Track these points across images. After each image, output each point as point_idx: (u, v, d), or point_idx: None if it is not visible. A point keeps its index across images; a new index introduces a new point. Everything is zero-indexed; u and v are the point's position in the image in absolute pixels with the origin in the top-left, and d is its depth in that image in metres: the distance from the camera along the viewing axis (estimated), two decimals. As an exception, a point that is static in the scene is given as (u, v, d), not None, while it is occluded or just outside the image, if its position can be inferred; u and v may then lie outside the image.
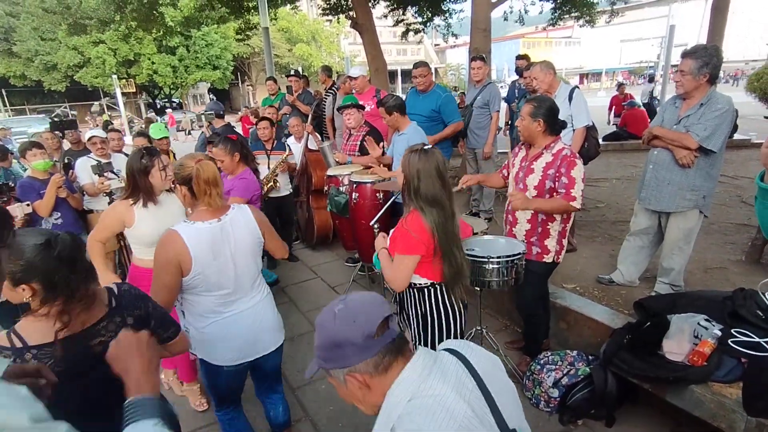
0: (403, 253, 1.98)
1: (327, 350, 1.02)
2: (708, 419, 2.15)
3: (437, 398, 0.96)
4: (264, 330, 2.12)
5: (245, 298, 2.05)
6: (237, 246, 1.95)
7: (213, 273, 1.89)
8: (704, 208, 3.01)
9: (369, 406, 1.06)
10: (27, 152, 3.75)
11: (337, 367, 1.02)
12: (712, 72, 2.76)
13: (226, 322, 1.99)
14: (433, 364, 1.04)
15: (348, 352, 0.99)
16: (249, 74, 38.40)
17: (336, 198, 4.33)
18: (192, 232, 1.85)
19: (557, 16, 11.80)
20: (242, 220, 2.00)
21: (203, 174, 1.87)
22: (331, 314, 1.03)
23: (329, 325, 1.02)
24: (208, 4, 9.06)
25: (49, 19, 13.35)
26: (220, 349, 2.00)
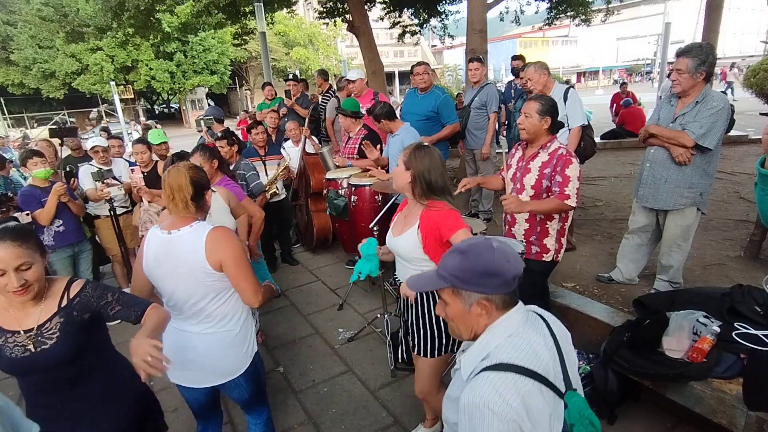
0: (459, 227, 1.97)
1: (475, 274, 1.12)
2: (708, 415, 2.16)
3: (529, 341, 1.13)
4: (189, 363, 1.95)
5: (185, 318, 1.94)
6: (177, 265, 1.85)
7: (156, 279, 1.91)
8: (702, 205, 3.02)
9: (469, 330, 1.20)
10: (28, 161, 3.76)
11: (476, 290, 1.14)
12: (708, 70, 2.78)
13: (170, 332, 1.89)
14: (527, 317, 1.21)
15: (495, 282, 1.13)
16: (247, 78, 38.44)
17: (335, 201, 4.35)
18: (152, 233, 1.92)
19: (553, 15, 11.82)
20: (189, 242, 1.83)
21: (169, 178, 1.85)
22: (489, 248, 1.14)
23: (488, 256, 1.13)
24: (204, 10, 9.06)
25: (46, 27, 13.37)
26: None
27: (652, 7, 43.58)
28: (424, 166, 1.99)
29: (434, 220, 1.99)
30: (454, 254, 1.16)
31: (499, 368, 1.07)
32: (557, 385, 1.11)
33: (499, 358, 1.09)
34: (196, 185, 1.87)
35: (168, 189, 1.84)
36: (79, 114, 32.47)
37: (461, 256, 1.14)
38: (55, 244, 3.84)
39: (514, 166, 2.83)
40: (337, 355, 3.50)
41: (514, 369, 1.06)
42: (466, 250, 1.15)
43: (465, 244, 1.16)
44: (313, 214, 5.37)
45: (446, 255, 1.18)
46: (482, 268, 1.12)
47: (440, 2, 11.65)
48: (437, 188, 2.01)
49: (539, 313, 1.28)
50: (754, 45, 45.24)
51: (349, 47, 36.80)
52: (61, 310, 1.60)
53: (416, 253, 2.05)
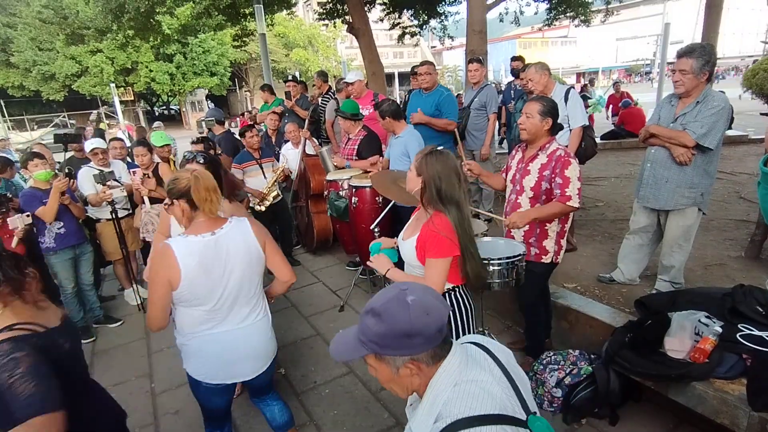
0: (439, 256, 1.91)
1: (393, 338, 1.03)
2: (711, 416, 2.15)
3: (478, 383, 1.05)
4: (245, 357, 2.03)
5: (233, 317, 1.98)
6: (231, 260, 1.90)
7: (202, 288, 1.86)
8: (703, 205, 3.02)
9: (406, 390, 1.12)
10: (29, 163, 3.76)
11: (399, 354, 1.05)
12: (711, 70, 2.78)
13: (210, 339, 1.94)
14: (467, 355, 1.13)
15: (417, 341, 1.03)
16: (246, 80, 38.46)
17: (336, 202, 4.35)
18: (184, 246, 1.83)
19: (552, 16, 11.85)
20: (239, 235, 1.94)
21: (203, 181, 1.85)
22: (403, 304, 1.03)
23: (403, 316, 1.02)
24: (204, 12, 9.09)
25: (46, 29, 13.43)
26: (201, 365, 1.99)
27: (652, 8, 43.62)
28: (435, 173, 1.92)
29: (426, 238, 1.95)
30: (369, 317, 1.05)
31: (457, 427, 0.98)
32: (517, 416, 1.05)
33: (453, 415, 1.00)
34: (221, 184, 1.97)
35: (204, 191, 1.85)
36: (79, 116, 32.47)
37: (376, 320, 1.03)
38: (56, 246, 3.84)
39: (514, 167, 2.83)
40: (339, 356, 3.49)
41: (473, 422, 0.98)
42: (380, 311, 1.03)
43: (379, 303, 1.05)
44: (313, 215, 5.37)
45: (362, 316, 1.07)
46: (399, 330, 1.01)
47: (440, 3, 11.67)
48: (446, 197, 1.93)
49: (474, 341, 1.21)
50: (753, 45, 45.27)
51: (349, 48, 36.83)
52: None
53: (413, 260, 2.04)
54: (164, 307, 1.85)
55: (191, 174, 1.87)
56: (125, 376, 3.52)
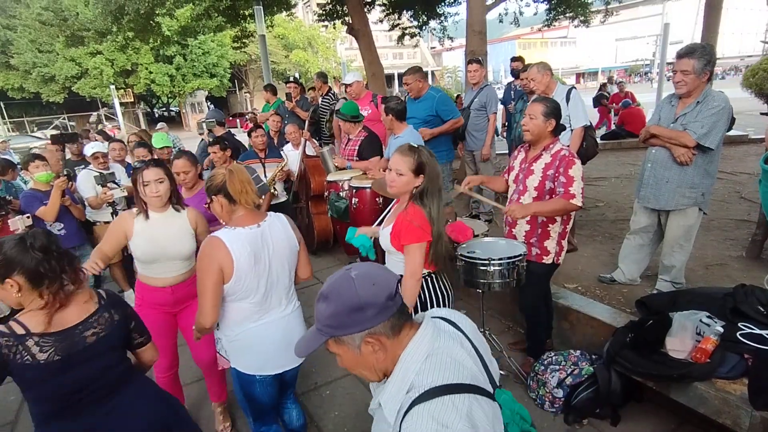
0: (413, 242, 2.03)
1: (345, 315, 1.01)
2: (712, 416, 2.15)
3: (450, 354, 1.06)
4: (289, 346, 2.04)
5: (278, 308, 2.05)
6: (275, 252, 1.97)
7: (252, 279, 1.90)
8: (703, 205, 3.02)
9: (376, 372, 1.09)
10: (30, 164, 3.76)
11: (355, 331, 1.02)
12: (712, 70, 2.78)
13: (259, 331, 1.99)
14: (438, 328, 1.12)
15: (369, 314, 1.01)
16: (246, 81, 38.50)
17: (336, 203, 4.34)
18: (234, 237, 1.86)
19: (552, 16, 11.85)
20: (280, 226, 2.03)
21: (237, 174, 1.93)
22: (347, 280, 1.03)
23: (348, 290, 1.02)
24: (204, 14, 9.09)
25: (46, 31, 13.44)
26: (254, 358, 2.02)
27: (651, 8, 43.66)
28: (436, 170, 2.06)
29: (401, 227, 2.06)
30: (320, 302, 1.05)
31: (430, 395, 0.97)
32: (487, 388, 1.06)
33: (426, 384, 0.99)
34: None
35: (239, 184, 1.91)
36: (79, 118, 32.51)
37: (325, 303, 1.04)
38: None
39: (517, 167, 2.83)
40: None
41: (446, 390, 0.98)
42: (327, 293, 1.04)
43: (326, 286, 1.06)
44: (313, 216, 5.37)
45: (316, 305, 1.07)
46: (348, 305, 1.01)
47: (439, 4, 11.67)
48: (437, 190, 2.08)
49: (442, 316, 1.21)
50: (753, 45, 45.30)
51: (349, 50, 36.90)
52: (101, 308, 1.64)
53: (391, 248, 2.15)
54: (217, 299, 1.87)
55: (225, 169, 1.95)
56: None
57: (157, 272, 2.48)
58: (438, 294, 2.20)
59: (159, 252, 2.43)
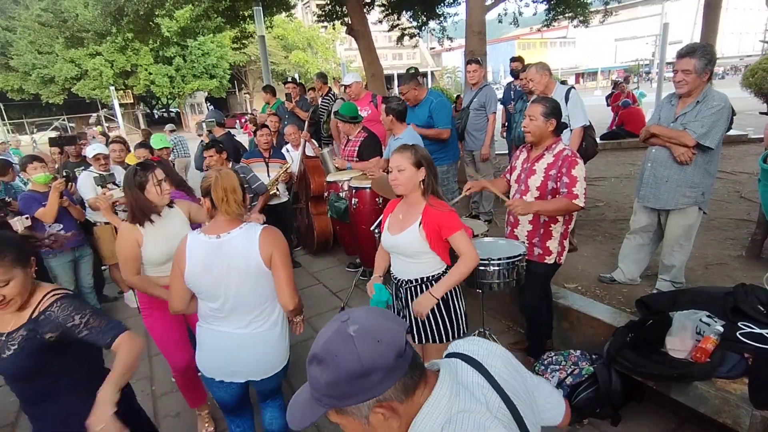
0: (458, 229, 2.13)
1: (346, 384, 0.81)
2: (713, 415, 2.15)
3: (474, 419, 0.86)
4: (244, 359, 2.01)
5: (233, 321, 1.98)
6: (231, 267, 1.89)
7: (204, 285, 1.93)
8: (703, 204, 3.02)
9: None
10: (28, 165, 3.75)
11: (361, 400, 0.82)
12: (712, 69, 2.78)
13: (209, 334, 2.03)
14: (456, 379, 0.93)
15: (375, 379, 0.81)
16: (246, 82, 38.52)
17: (336, 204, 4.34)
18: (193, 241, 1.93)
19: (551, 17, 11.85)
20: (241, 243, 1.90)
21: (222, 181, 1.89)
22: (345, 340, 0.82)
23: (348, 353, 0.81)
24: (204, 15, 9.09)
25: (45, 32, 13.39)
26: (200, 355, 2.08)
27: (650, 8, 43.66)
28: (428, 157, 2.15)
29: (436, 219, 2.10)
30: (313, 366, 0.84)
31: None
32: None
33: None
34: (242, 188, 1.97)
35: (221, 191, 1.87)
36: (79, 119, 32.51)
37: (321, 368, 0.82)
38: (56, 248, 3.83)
39: (519, 167, 2.82)
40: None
41: None
42: (322, 355, 0.83)
43: (319, 346, 0.84)
44: (313, 216, 5.37)
45: (309, 368, 0.85)
46: (350, 372, 0.80)
47: (439, 4, 11.67)
48: (434, 184, 2.18)
49: (464, 353, 1.02)
50: (752, 45, 45.32)
51: (348, 50, 36.89)
52: (29, 323, 1.55)
53: (418, 248, 2.14)
54: (179, 289, 1.97)
55: (215, 173, 1.93)
56: (126, 379, 3.51)
57: (168, 271, 2.47)
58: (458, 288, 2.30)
59: (172, 248, 2.38)
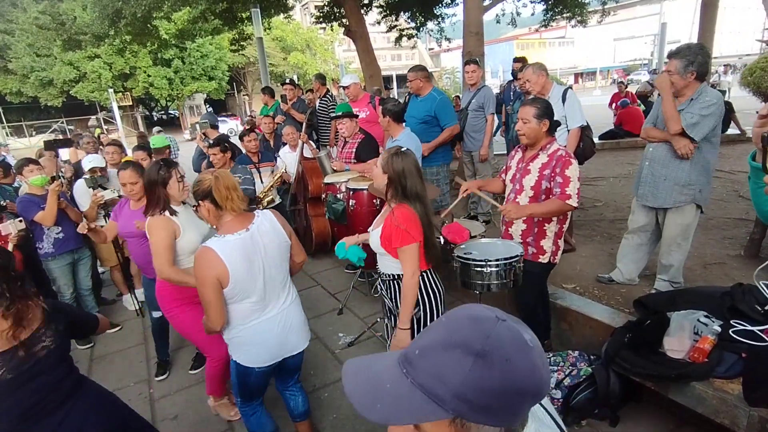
0: (404, 244, 2.11)
1: (500, 397, 0.61)
2: (711, 415, 2.15)
3: None
4: (292, 332, 2.20)
5: (275, 302, 2.13)
6: (267, 252, 2.03)
7: (248, 282, 1.97)
8: (701, 201, 3.03)
9: None
10: (24, 168, 3.74)
11: (496, 424, 0.64)
12: (698, 69, 2.81)
13: (259, 327, 2.08)
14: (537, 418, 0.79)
15: (525, 407, 0.66)
16: (245, 84, 38.49)
17: (333, 205, 4.34)
18: (224, 245, 1.92)
19: (549, 17, 11.86)
20: (269, 226, 2.08)
21: (223, 180, 1.95)
22: (522, 344, 0.64)
23: (521, 362, 0.62)
24: (201, 17, 9.10)
25: (43, 35, 13.38)
26: (253, 352, 2.11)
27: (648, 8, 43.70)
28: (399, 171, 2.13)
29: (390, 228, 2.14)
30: (457, 355, 0.62)
31: None
32: None
33: None
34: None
35: (225, 190, 1.94)
36: (78, 122, 32.47)
37: (477, 364, 0.60)
38: (56, 251, 3.83)
39: (514, 167, 2.83)
40: (338, 360, 3.49)
41: None
42: (488, 353, 0.61)
43: (481, 341, 0.62)
44: (311, 218, 5.36)
45: (437, 355, 0.63)
46: (514, 386, 0.61)
47: (436, 5, 11.69)
48: (411, 194, 2.15)
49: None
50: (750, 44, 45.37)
51: (347, 51, 36.90)
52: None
53: (381, 249, 2.24)
54: (221, 305, 1.96)
55: (212, 175, 1.98)
56: (124, 382, 3.51)
57: None
58: (431, 291, 2.30)
59: (202, 233, 2.62)
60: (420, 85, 4.64)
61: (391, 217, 2.15)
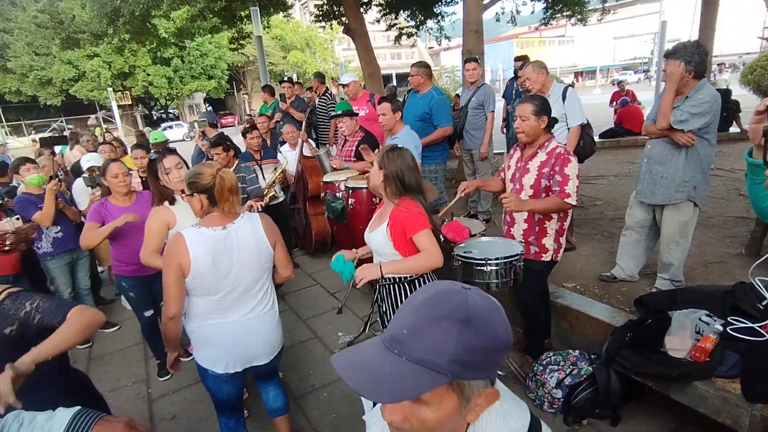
0: (421, 229, 2.08)
1: (487, 353, 0.72)
2: (712, 415, 2.13)
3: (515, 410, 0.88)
4: (255, 344, 2.12)
5: (240, 308, 2.05)
6: (240, 255, 1.98)
7: (211, 278, 1.93)
8: (697, 199, 3.06)
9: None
10: (20, 167, 3.72)
11: (485, 377, 0.75)
12: (696, 68, 2.83)
13: (216, 329, 2.03)
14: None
15: (500, 358, 0.78)
16: (244, 83, 38.49)
17: (333, 204, 4.32)
18: (195, 236, 1.91)
19: (549, 15, 11.83)
20: (249, 230, 2.03)
21: (227, 183, 1.94)
22: (494, 307, 0.75)
23: (500, 323, 0.74)
24: (200, 15, 9.07)
25: (42, 34, 13.36)
26: (207, 353, 2.07)
27: (648, 6, 43.69)
28: (396, 167, 2.11)
29: (401, 220, 2.11)
30: (445, 326, 0.70)
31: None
32: None
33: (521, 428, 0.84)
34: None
35: (227, 192, 1.95)
36: (77, 121, 32.44)
37: (464, 330, 0.70)
38: (54, 250, 3.82)
39: (513, 166, 2.82)
40: (337, 359, 3.46)
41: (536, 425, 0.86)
42: (471, 318, 0.70)
43: (463, 310, 0.71)
44: (311, 217, 5.35)
45: (427, 330, 0.71)
46: (496, 342, 0.73)
47: (436, 4, 11.66)
48: (410, 187, 2.14)
49: None
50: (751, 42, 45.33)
51: (346, 50, 36.87)
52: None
53: (386, 248, 2.19)
54: (177, 292, 1.93)
55: (216, 172, 1.95)
56: (122, 382, 3.49)
57: None
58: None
59: None
60: (421, 81, 4.63)
61: (398, 209, 2.12)
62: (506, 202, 2.53)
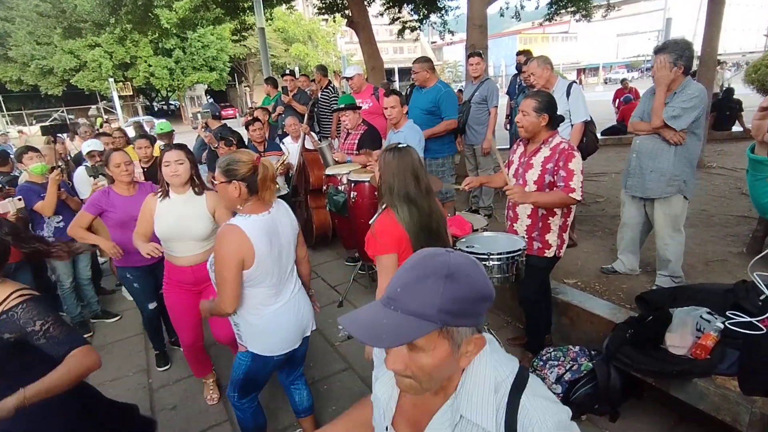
0: (376, 253, 2.04)
1: (471, 303, 0.83)
2: (712, 412, 2.14)
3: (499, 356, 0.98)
4: (304, 316, 2.23)
5: (287, 289, 2.14)
6: (284, 237, 2.08)
7: (269, 264, 1.97)
8: (686, 192, 3.12)
9: (442, 380, 0.93)
10: (23, 156, 3.72)
11: (472, 324, 0.86)
12: (685, 64, 2.89)
13: (278, 312, 2.08)
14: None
15: (485, 308, 0.87)
16: (246, 75, 38.35)
17: (335, 197, 4.32)
18: (251, 224, 1.91)
19: (553, 11, 11.75)
20: (285, 212, 2.14)
21: (270, 171, 2.00)
22: (473, 262, 0.86)
23: (479, 276, 0.84)
24: (203, 5, 9.02)
25: (44, 23, 13.33)
26: (276, 340, 2.10)
27: (653, 3, 43.45)
28: (390, 170, 2.02)
29: (368, 235, 2.09)
30: (440, 281, 0.81)
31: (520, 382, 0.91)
32: None
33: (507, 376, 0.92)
34: None
35: (269, 181, 2.00)
36: (78, 111, 32.37)
37: (450, 283, 0.80)
38: (56, 240, 3.81)
39: (516, 161, 2.81)
40: (337, 352, 3.48)
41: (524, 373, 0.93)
42: (454, 272, 0.81)
43: (447, 265, 0.83)
44: (312, 210, 5.34)
45: (425, 284, 0.81)
46: (478, 292, 0.83)
47: (440, -2, 11.58)
48: (397, 194, 2.01)
49: None
50: (755, 41, 45.12)
51: (349, 44, 36.73)
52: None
53: None
54: (238, 287, 1.92)
55: (258, 161, 1.97)
56: (123, 372, 3.51)
57: (177, 251, 2.64)
58: None
59: (176, 231, 2.58)
60: (426, 77, 4.60)
61: (375, 223, 2.08)
62: (510, 194, 2.52)
